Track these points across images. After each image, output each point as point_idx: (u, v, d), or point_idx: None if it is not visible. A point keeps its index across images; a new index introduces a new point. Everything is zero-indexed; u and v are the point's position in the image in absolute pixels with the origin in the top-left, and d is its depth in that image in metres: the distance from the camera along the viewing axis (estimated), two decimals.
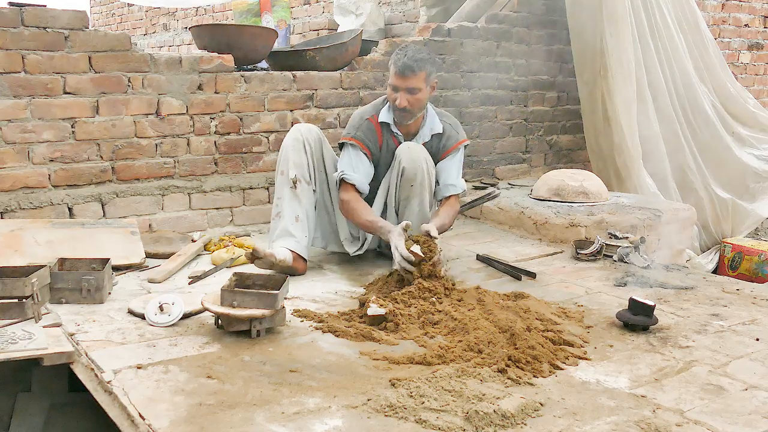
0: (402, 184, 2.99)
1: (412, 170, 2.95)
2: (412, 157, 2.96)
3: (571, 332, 2.38)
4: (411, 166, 2.95)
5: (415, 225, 2.98)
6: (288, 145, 3.08)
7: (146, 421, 1.74)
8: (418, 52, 2.96)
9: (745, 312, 2.68)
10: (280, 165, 3.11)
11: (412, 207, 3.01)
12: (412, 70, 2.91)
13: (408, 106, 2.96)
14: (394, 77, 2.96)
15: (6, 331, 2.21)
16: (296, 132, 3.11)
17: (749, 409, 1.88)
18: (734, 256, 5.01)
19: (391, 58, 3.00)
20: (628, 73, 4.50)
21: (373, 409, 1.81)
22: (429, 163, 3.00)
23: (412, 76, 2.92)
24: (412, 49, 2.97)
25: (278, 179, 3.11)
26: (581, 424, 1.78)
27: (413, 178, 2.95)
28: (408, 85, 2.93)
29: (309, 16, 6.81)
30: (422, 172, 2.96)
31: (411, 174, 2.95)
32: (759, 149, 5.39)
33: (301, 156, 3.06)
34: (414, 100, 2.96)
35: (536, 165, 5.09)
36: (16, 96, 3.16)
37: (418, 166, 2.95)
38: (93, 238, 3.07)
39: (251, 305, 2.26)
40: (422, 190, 2.98)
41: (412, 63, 2.91)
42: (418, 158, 2.96)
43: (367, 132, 3.08)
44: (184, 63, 3.55)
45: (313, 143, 3.10)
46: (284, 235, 3.00)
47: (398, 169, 2.99)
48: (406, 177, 2.96)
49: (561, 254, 3.50)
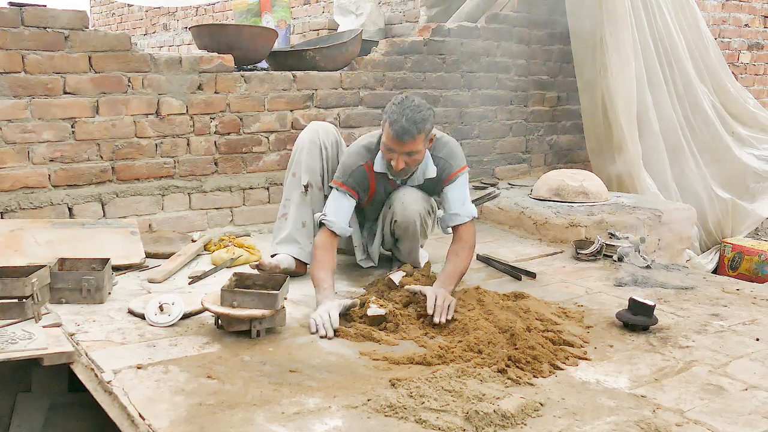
0: (394, 229, 2.97)
1: (404, 224, 2.90)
2: (405, 213, 2.88)
3: (571, 332, 2.38)
4: (403, 221, 2.90)
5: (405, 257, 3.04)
6: (303, 147, 2.99)
7: (146, 421, 1.74)
8: (416, 111, 2.63)
9: (745, 312, 2.68)
10: (293, 166, 3.02)
11: (403, 248, 3.02)
12: (411, 136, 2.63)
13: (406, 167, 2.75)
14: (390, 140, 2.67)
15: (6, 331, 2.21)
16: (313, 133, 3.00)
17: (749, 409, 1.88)
18: (734, 256, 5.01)
19: (386, 111, 2.69)
20: (628, 73, 4.50)
21: (373, 409, 1.81)
22: (423, 214, 2.92)
23: (410, 142, 2.64)
24: (410, 107, 2.63)
25: (288, 180, 3.04)
26: (581, 424, 1.78)
27: (405, 230, 2.92)
28: (406, 150, 2.67)
29: (309, 16, 6.81)
30: (414, 228, 2.91)
31: (402, 227, 2.91)
32: (759, 149, 5.39)
33: (316, 161, 2.98)
34: (412, 161, 2.74)
35: (536, 165, 5.09)
36: (16, 96, 3.16)
37: (410, 221, 2.89)
38: (93, 238, 3.07)
39: (251, 305, 2.26)
40: (413, 240, 2.96)
41: (411, 127, 2.61)
42: (412, 213, 2.88)
43: (359, 179, 2.87)
44: (184, 63, 3.55)
45: (330, 147, 3.01)
46: (289, 241, 2.98)
47: (390, 218, 2.94)
48: (398, 226, 2.93)
49: (561, 254, 3.50)
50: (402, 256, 3.06)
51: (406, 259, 3.04)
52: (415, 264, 3.03)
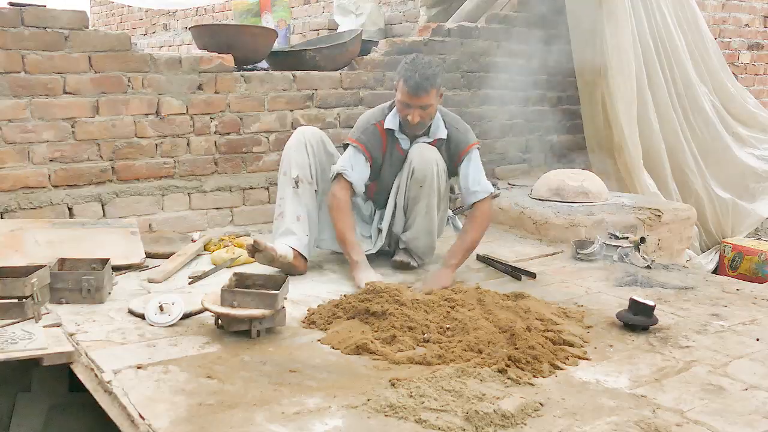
0: (411, 185, 3.02)
1: (422, 171, 2.98)
2: (423, 158, 2.99)
3: (571, 332, 2.38)
4: (421, 167, 2.98)
5: (421, 227, 3.05)
6: (291, 147, 3.12)
7: (146, 421, 1.74)
8: (428, 67, 2.90)
9: (745, 312, 2.68)
10: (283, 166, 3.14)
11: (419, 208, 3.04)
12: (425, 90, 2.88)
13: (421, 120, 2.97)
14: (405, 96, 2.92)
15: (6, 331, 2.21)
16: (299, 134, 3.15)
17: (749, 409, 1.88)
18: (734, 256, 5.01)
19: (399, 71, 2.96)
20: (628, 73, 4.50)
21: (373, 409, 1.81)
22: (440, 166, 3.02)
23: (424, 96, 2.89)
24: (421, 64, 2.90)
25: (281, 180, 3.14)
26: (581, 424, 1.78)
27: (422, 179, 2.98)
28: (421, 103, 2.92)
29: (309, 16, 6.80)
30: (432, 174, 2.98)
31: (420, 175, 2.98)
32: (759, 149, 5.39)
33: (303, 156, 3.09)
34: (426, 114, 2.97)
35: (536, 165, 5.08)
36: (16, 96, 3.16)
37: (428, 168, 2.97)
38: (93, 238, 3.06)
39: (251, 305, 2.26)
40: (430, 192, 3.00)
41: (424, 81, 2.86)
42: (430, 159, 2.99)
43: (371, 137, 3.09)
44: (184, 63, 3.55)
45: (315, 144, 3.13)
46: (286, 233, 3.03)
47: (408, 170, 3.02)
48: (416, 178, 2.99)
49: (561, 254, 3.50)
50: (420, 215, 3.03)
51: (423, 218, 3.04)
52: (432, 223, 3.05)
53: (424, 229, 3.08)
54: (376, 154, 3.11)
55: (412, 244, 3.12)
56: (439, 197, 3.06)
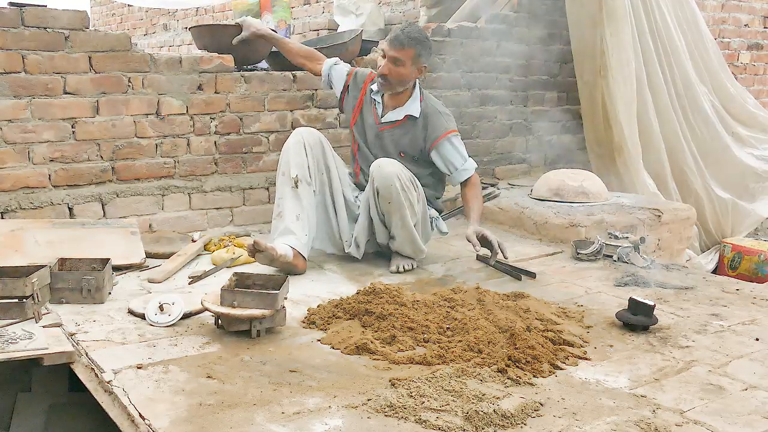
0: (380, 201, 3.03)
1: (386, 189, 2.96)
2: (383, 175, 2.96)
3: (571, 332, 2.39)
4: (384, 185, 2.96)
5: (402, 238, 3.07)
6: (289, 147, 3.14)
7: (146, 420, 1.74)
8: (416, 32, 3.08)
9: (745, 312, 2.68)
10: (281, 167, 3.15)
11: (395, 221, 3.04)
12: (401, 43, 3.04)
13: (388, 74, 3.08)
14: (385, 43, 3.11)
15: (6, 331, 2.21)
16: (297, 135, 3.17)
17: (749, 409, 1.88)
18: (734, 256, 5.01)
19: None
20: (628, 73, 4.50)
21: (373, 409, 1.81)
22: (403, 178, 2.98)
23: (399, 49, 3.04)
24: (414, 28, 3.11)
25: (279, 180, 3.15)
26: (581, 424, 1.78)
27: (388, 196, 2.98)
28: (394, 55, 3.05)
29: (309, 16, 6.80)
30: (396, 190, 2.95)
31: (386, 193, 2.98)
32: (759, 149, 5.39)
33: (302, 157, 3.11)
34: (395, 71, 3.07)
35: (536, 165, 5.08)
36: (16, 96, 3.16)
37: (391, 186, 2.95)
38: (93, 238, 3.07)
39: (251, 305, 2.26)
40: (400, 207, 2.99)
41: (404, 37, 3.04)
42: (390, 175, 2.95)
43: (360, 76, 3.33)
44: (184, 63, 3.55)
45: (313, 145, 3.15)
46: (285, 233, 3.03)
47: (373, 188, 3.02)
48: (382, 196, 3.00)
49: (561, 254, 3.50)
50: (398, 228, 3.05)
51: (401, 230, 3.04)
52: (411, 233, 3.05)
53: (405, 240, 3.09)
54: (355, 90, 3.31)
55: (402, 251, 3.14)
56: (412, 207, 3.04)
